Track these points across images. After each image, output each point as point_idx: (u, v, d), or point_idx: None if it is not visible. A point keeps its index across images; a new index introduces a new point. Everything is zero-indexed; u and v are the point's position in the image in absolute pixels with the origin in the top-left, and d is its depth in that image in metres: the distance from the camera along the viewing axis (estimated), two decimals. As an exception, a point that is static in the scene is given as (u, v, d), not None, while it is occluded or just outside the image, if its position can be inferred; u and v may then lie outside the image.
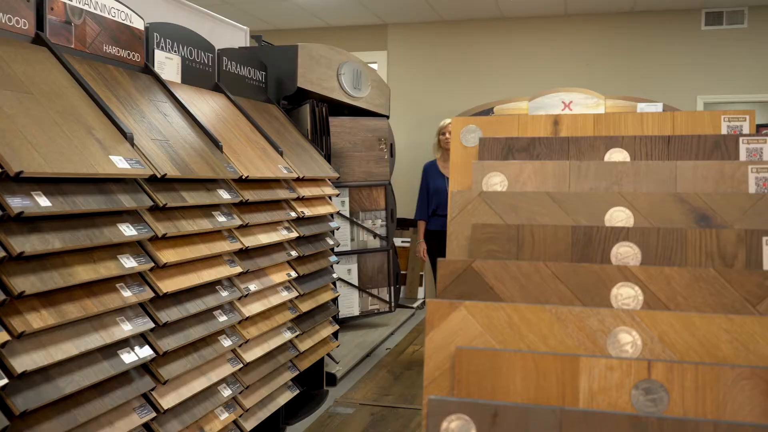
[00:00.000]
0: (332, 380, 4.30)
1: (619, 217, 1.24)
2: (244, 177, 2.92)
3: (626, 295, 1.12)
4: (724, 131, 1.41)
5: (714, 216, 1.19)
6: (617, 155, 1.38)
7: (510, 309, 1.09)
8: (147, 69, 2.94)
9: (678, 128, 1.44)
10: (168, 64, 3.12)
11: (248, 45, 4.68)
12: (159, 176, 2.32)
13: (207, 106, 3.23)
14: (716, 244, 1.16)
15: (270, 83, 4.19)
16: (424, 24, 7.31)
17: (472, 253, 1.25)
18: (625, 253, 1.18)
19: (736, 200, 1.19)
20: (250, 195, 2.99)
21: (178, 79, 3.20)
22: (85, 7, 2.57)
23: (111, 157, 2.11)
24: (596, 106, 6.42)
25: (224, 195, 2.77)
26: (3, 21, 2.20)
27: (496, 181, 1.37)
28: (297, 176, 3.50)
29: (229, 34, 4.45)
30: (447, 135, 4.88)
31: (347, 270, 5.42)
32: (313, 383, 4.13)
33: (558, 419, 0.92)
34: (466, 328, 1.10)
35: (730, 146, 1.35)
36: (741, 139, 1.33)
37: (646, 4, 6.55)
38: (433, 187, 4.95)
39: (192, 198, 2.52)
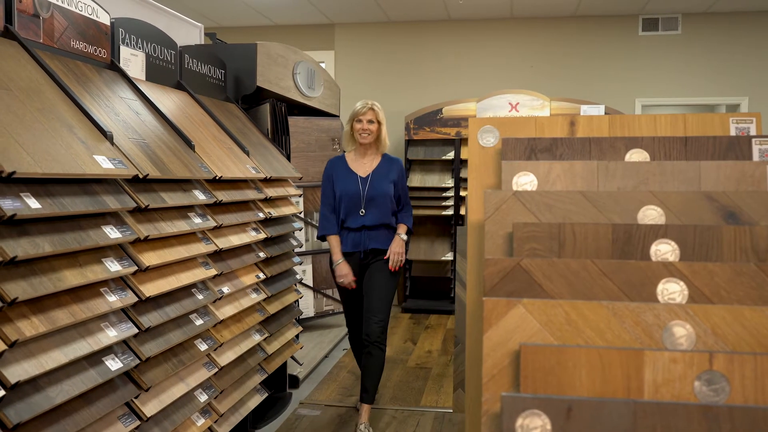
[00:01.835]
0: (295, 382, 4.26)
1: (651, 215, 1.28)
2: (218, 177, 2.85)
3: (672, 290, 1.17)
4: (732, 132, 1.49)
5: (741, 213, 1.25)
6: (637, 155, 1.43)
7: (567, 306, 1.12)
8: (113, 65, 2.83)
9: (689, 129, 1.51)
10: (133, 61, 3.02)
11: (203, 42, 4.57)
12: (141, 176, 2.24)
13: (173, 104, 3.14)
14: (750, 241, 1.22)
15: (229, 82, 4.11)
16: (371, 24, 7.33)
17: (513, 251, 1.27)
18: (664, 250, 1.23)
19: (761, 198, 1.25)
20: (223, 196, 2.93)
21: (142, 76, 3.10)
22: (53, 1, 2.46)
23: (95, 156, 2.03)
24: (542, 108, 6.59)
25: (200, 196, 2.70)
26: (-28, 13, 2.08)
27: (525, 181, 1.39)
28: (264, 176, 3.45)
29: (184, 31, 4.33)
30: (363, 123, 3.57)
31: (302, 270, 5.37)
32: (276, 386, 4.08)
33: (632, 411, 0.95)
34: (524, 325, 1.11)
35: (743, 147, 1.42)
36: (754, 140, 1.41)
37: (587, 10, 6.77)
38: (341, 190, 3.61)
39: (171, 199, 2.45)
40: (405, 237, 3.65)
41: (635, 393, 1.03)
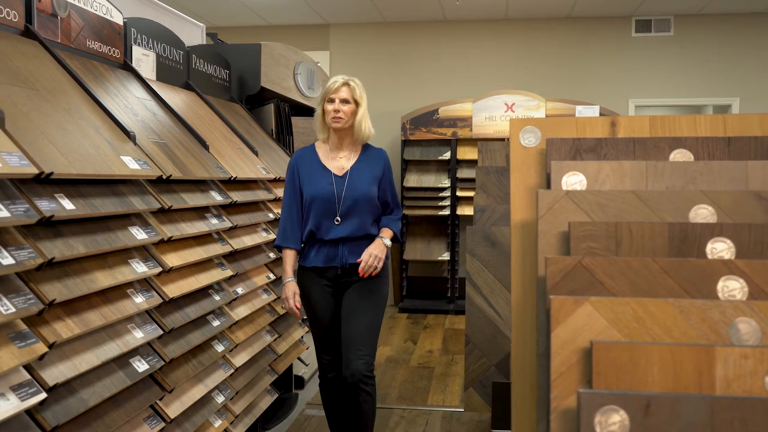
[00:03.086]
0: (300, 383, 4.26)
1: (702, 214, 1.31)
2: (233, 178, 2.85)
3: (732, 287, 1.19)
4: (772, 133, 1.52)
5: (791, 212, 1.29)
6: (681, 155, 1.45)
7: (634, 303, 1.14)
8: (126, 65, 2.82)
9: (729, 130, 1.54)
10: (144, 61, 3.01)
11: (205, 42, 4.55)
12: (165, 177, 2.23)
13: (184, 104, 3.13)
14: (804, 239, 1.25)
15: (233, 82, 4.10)
16: (366, 25, 7.33)
17: (570, 250, 1.29)
18: (720, 248, 1.25)
19: (810, 197, 1.29)
20: (237, 196, 2.93)
21: (153, 76, 3.08)
22: (71, 0, 2.44)
23: (122, 157, 2.02)
24: (537, 109, 6.64)
25: (217, 197, 2.70)
26: (-6, 12, 2.06)
27: (575, 181, 1.41)
28: (274, 177, 3.45)
29: (187, 31, 4.31)
30: (336, 103, 2.71)
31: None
32: (282, 386, 4.07)
33: (709, 406, 0.97)
34: (592, 323, 1.13)
35: (785, 147, 1.46)
36: (795, 140, 1.44)
37: (581, 11, 6.83)
38: (311, 191, 2.75)
39: (191, 200, 2.45)
40: (388, 242, 2.81)
41: (707, 389, 1.06)
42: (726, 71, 6.90)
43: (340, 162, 2.80)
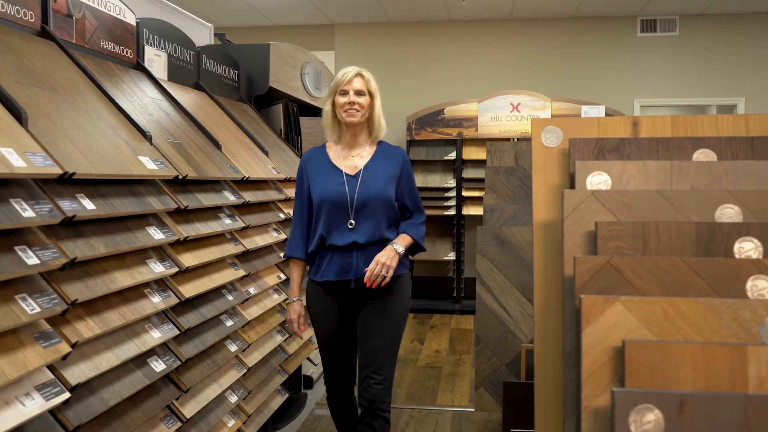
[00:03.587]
0: (309, 383, 4.26)
1: (728, 213, 1.31)
2: (246, 178, 2.85)
3: (761, 286, 1.20)
4: (793, 133, 1.53)
5: (818, 211, 1.29)
6: (704, 155, 1.46)
7: (665, 302, 1.14)
8: (139, 66, 2.82)
9: (751, 129, 1.54)
10: (156, 61, 3.01)
11: (212, 43, 4.56)
12: (181, 177, 2.24)
13: (195, 105, 3.14)
14: (832, 238, 1.26)
15: (242, 82, 4.10)
16: (372, 24, 7.34)
17: (597, 250, 1.29)
18: (748, 247, 1.26)
19: (837, 196, 1.29)
20: (250, 196, 2.93)
21: (164, 76, 3.09)
22: (85, 1, 2.44)
23: (139, 157, 2.02)
24: (543, 109, 6.64)
25: (230, 197, 2.70)
26: (11, 12, 2.07)
27: (599, 180, 1.42)
28: (284, 177, 3.45)
29: (195, 31, 4.32)
30: (350, 95, 2.48)
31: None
32: (291, 386, 4.08)
33: (743, 405, 0.98)
34: (623, 322, 1.13)
35: (809, 146, 1.46)
36: (819, 140, 1.45)
37: (586, 11, 6.83)
38: (321, 193, 2.52)
39: (205, 200, 2.45)
40: (400, 249, 2.49)
41: (740, 388, 1.06)
42: (731, 71, 6.91)
43: (352, 160, 2.55)
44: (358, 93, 2.50)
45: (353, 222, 2.48)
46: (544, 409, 1.50)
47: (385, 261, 2.43)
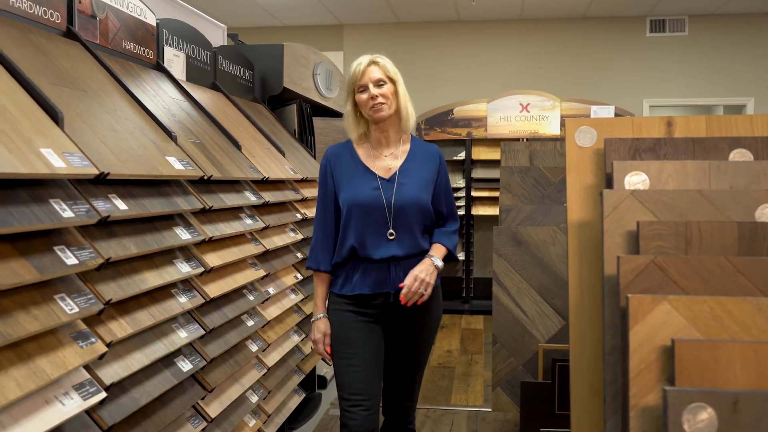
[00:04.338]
0: (323, 383, 4.26)
1: (769, 213, 1.32)
2: (266, 178, 2.86)
3: (806, 286, 1.20)
4: (829, 132, 1.53)
5: None
6: (740, 155, 1.46)
7: (712, 302, 1.15)
8: (159, 66, 2.83)
9: (786, 129, 1.55)
10: (175, 62, 3.02)
11: (226, 43, 4.57)
12: (206, 178, 2.24)
13: (214, 105, 3.14)
14: None
15: (256, 83, 4.11)
16: (380, 25, 7.34)
17: (639, 249, 1.30)
18: (790, 247, 1.26)
19: None
20: (269, 197, 2.94)
21: (183, 76, 3.10)
22: (108, 2, 2.45)
23: (167, 158, 2.03)
24: (552, 109, 6.64)
25: (251, 197, 2.71)
26: (39, 14, 2.08)
27: (637, 180, 1.42)
28: (302, 177, 3.46)
29: (209, 32, 4.33)
30: (370, 89, 2.22)
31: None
32: (306, 386, 4.08)
33: (798, 405, 0.98)
34: (670, 321, 1.14)
35: None
36: None
37: (596, 11, 6.83)
38: (350, 197, 2.22)
39: (228, 200, 2.46)
40: (439, 263, 2.22)
41: (791, 387, 1.07)
42: (741, 71, 6.90)
43: (384, 162, 2.26)
44: (378, 84, 2.23)
45: (393, 232, 2.19)
46: (580, 408, 1.51)
47: (424, 277, 2.15)
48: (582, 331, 1.52)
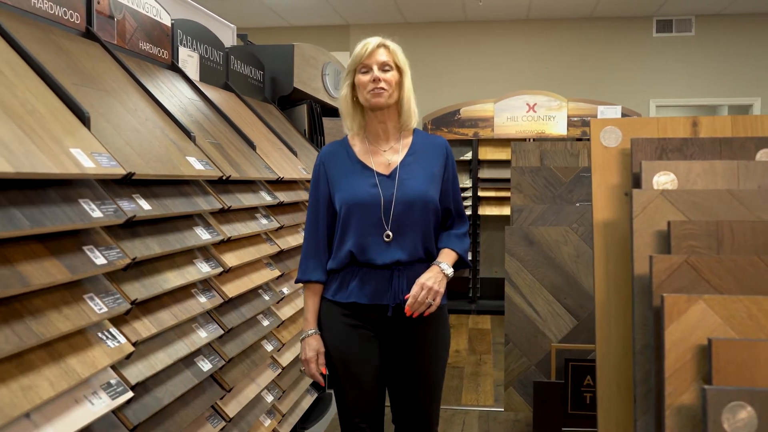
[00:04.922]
0: (333, 383, 4.26)
1: (799, 213, 1.32)
2: (281, 178, 2.87)
3: (840, 285, 1.20)
4: None
5: None
6: (767, 155, 1.47)
7: (748, 301, 1.15)
8: (174, 67, 2.84)
9: (812, 129, 1.55)
10: (189, 62, 3.03)
11: (235, 44, 4.57)
12: (225, 178, 2.25)
13: (227, 105, 3.15)
14: None
15: (266, 83, 4.12)
16: (387, 25, 7.34)
17: (671, 249, 1.30)
18: (823, 246, 1.27)
19: None
20: (283, 196, 2.94)
21: (197, 77, 3.10)
22: (125, 2, 2.46)
23: (187, 158, 2.04)
24: (559, 109, 6.64)
25: (266, 197, 2.71)
26: (59, 14, 2.08)
27: (665, 180, 1.42)
28: (314, 177, 3.46)
29: (220, 33, 4.33)
30: (374, 71, 1.95)
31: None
32: (317, 386, 4.08)
33: (837, 404, 0.99)
34: (705, 320, 1.14)
35: None
36: None
37: (602, 11, 6.83)
38: (346, 197, 1.99)
39: (245, 200, 2.47)
40: (449, 270, 1.98)
41: (828, 386, 1.07)
42: (747, 71, 6.90)
43: (384, 156, 2.03)
44: (384, 68, 1.96)
45: (390, 234, 1.95)
46: (607, 407, 1.51)
47: (432, 285, 1.91)
48: (608, 330, 1.53)
